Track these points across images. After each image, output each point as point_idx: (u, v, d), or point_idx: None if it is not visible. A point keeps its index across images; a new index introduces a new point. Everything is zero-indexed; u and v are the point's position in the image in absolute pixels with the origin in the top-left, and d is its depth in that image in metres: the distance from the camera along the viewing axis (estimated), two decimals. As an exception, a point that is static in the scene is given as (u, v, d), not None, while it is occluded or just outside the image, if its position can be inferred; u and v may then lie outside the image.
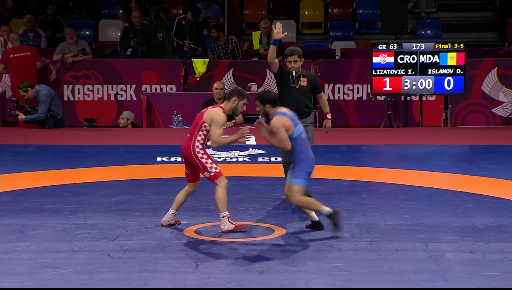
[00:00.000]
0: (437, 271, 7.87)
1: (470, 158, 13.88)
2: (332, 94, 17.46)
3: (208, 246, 8.74)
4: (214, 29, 18.12)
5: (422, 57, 16.43)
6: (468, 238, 8.96)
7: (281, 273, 7.85)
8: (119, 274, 7.78)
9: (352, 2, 21.20)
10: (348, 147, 14.58)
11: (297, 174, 8.99)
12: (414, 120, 17.02)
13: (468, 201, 10.64)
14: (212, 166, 9.04)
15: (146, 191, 11.20)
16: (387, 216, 9.90)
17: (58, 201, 10.60)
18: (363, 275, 7.78)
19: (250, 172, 12.48)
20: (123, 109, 17.23)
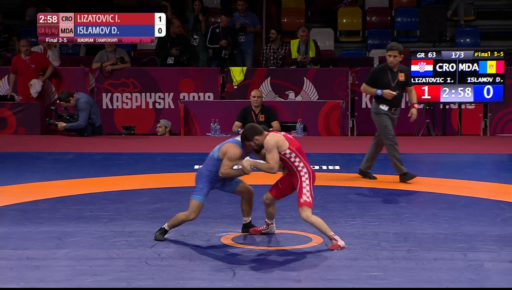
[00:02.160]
0: (475, 281, 7.82)
1: (509, 167, 13.77)
2: (370, 102, 17.41)
3: (245, 254, 8.74)
4: (274, 30, 18.14)
5: (461, 65, 16.36)
6: (507, 247, 8.90)
7: (318, 282, 7.84)
8: (157, 281, 7.81)
9: (390, 10, 21.15)
10: (385, 155, 14.51)
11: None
12: (453, 128, 16.94)
13: (507, 210, 10.56)
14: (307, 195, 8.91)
15: (183, 198, 11.21)
16: (425, 224, 9.86)
17: (96, 209, 10.65)
18: (401, 284, 7.75)
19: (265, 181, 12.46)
20: (161, 117, 17.30)
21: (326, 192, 11.65)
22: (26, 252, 8.62)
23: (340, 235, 9.34)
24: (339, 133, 16.97)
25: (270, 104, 16.91)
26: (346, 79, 17.36)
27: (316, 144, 15.83)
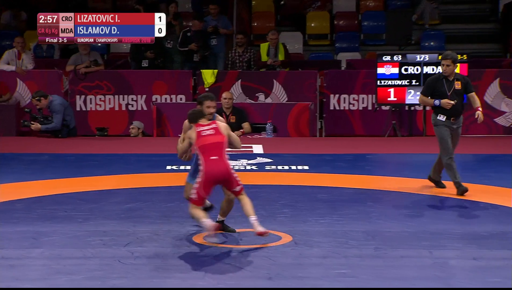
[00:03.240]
0: (441, 278, 7.85)
1: (473, 167, 13.85)
2: (338, 104, 17.45)
3: (217, 252, 8.73)
4: (242, 35, 18.10)
5: (426, 68, 16.42)
6: (472, 245, 8.94)
7: (289, 279, 7.84)
8: (130, 280, 7.78)
9: (358, 14, 21.21)
10: (353, 156, 14.57)
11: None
12: (418, 129, 17.00)
13: (471, 209, 10.62)
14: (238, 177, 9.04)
15: (156, 198, 11.19)
16: (391, 223, 9.88)
17: (71, 209, 10.60)
18: (369, 281, 7.76)
19: (258, 180, 12.47)
20: (134, 118, 17.24)
21: (296, 191, 11.66)
22: (1, 252, 8.56)
23: (310, 233, 9.36)
24: (308, 134, 17.00)
25: (241, 106, 16.91)
26: (314, 81, 17.39)
27: (286, 145, 15.84)
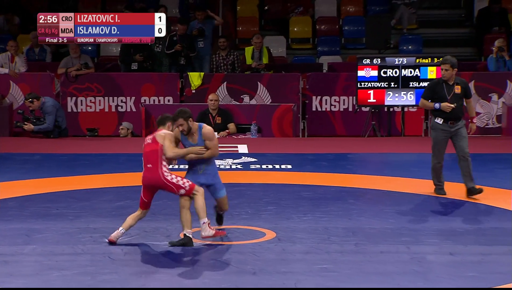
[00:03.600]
0: (419, 272, 7.87)
1: (449, 166, 13.84)
2: (320, 105, 17.45)
3: (203, 249, 8.73)
4: (224, 39, 18.07)
5: (404, 71, 16.44)
6: (448, 241, 8.97)
7: (273, 274, 7.84)
8: (120, 275, 7.77)
9: (338, 19, 21.22)
10: (335, 155, 14.58)
11: (221, 185, 9.07)
12: (397, 130, 17.02)
13: (448, 206, 10.65)
14: (184, 181, 8.89)
15: (145, 197, 11.16)
16: (372, 220, 9.90)
17: (62, 207, 10.58)
18: (350, 276, 7.78)
19: (243, 179, 12.46)
20: (123, 119, 17.19)
21: (280, 189, 11.66)
22: (-4, 248, 8.55)
23: (293, 230, 9.37)
24: (291, 134, 16.99)
25: (226, 107, 16.89)
26: (297, 83, 17.39)
27: (270, 144, 15.84)
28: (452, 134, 10.87)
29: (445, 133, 10.82)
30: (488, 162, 13.42)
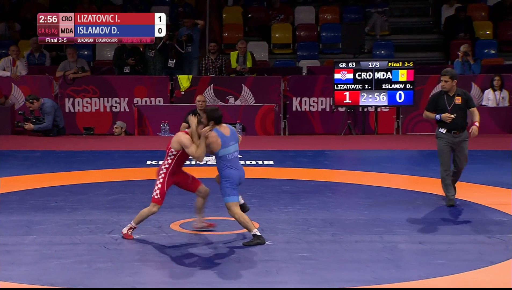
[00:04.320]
0: (391, 260, 7.88)
1: (419, 161, 13.92)
2: (300, 106, 17.45)
3: (192, 238, 8.72)
4: (214, 43, 18.03)
5: (377, 74, 16.46)
6: (418, 230, 8.99)
7: (256, 262, 7.84)
8: (114, 263, 7.75)
9: (317, 25, 21.22)
10: (314, 152, 14.59)
11: (224, 192, 8.56)
12: (371, 128, 17.05)
13: (418, 198, 10.67)
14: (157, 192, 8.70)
15: (137, 190, 11.15)
16: (348, 212, 9.91)
17: (60, 200, 10.54)
18: (328, 263, 7.78)
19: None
20: (117, 119, 17.14)
21: (262, 184, 11.65)
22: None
23: (275, 221, 9.37)
24: (273, 133, 16.99)
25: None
26: (279, 86, 17.38)
27: (254, 142, 15.83)
28: (455, 145, 10.15)
29: (449, 142, 10.19)
30: (454, 158, 13.46)
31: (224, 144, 8.51)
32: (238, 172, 8.56)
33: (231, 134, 8.64)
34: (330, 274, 7.43)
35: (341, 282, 7.19)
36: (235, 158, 8.59)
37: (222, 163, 8.52)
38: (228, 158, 8.53)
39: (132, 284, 7.15)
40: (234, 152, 8.60)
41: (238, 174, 8.56)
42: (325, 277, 7.34)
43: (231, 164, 8.53)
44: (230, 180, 8.52)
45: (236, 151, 8.63)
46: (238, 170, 8.56)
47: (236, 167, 8.56)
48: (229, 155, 8.54)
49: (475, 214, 9.64)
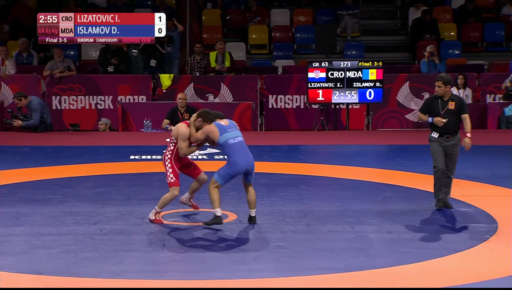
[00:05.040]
0: (362, 249, 7.92)
1: (388, 156, 13.99)
2: (276, 103, 17.46)
3: (173, 229, 8.71)
4: (200, 45, 18.01)
5: (349, 73, 16.50)
6: (387, 221, 9.03)
7: (234, 251, 7.85)
8: (99, 253, 7.73)
9: (291, 27, 21.23)
10: (289, 147, 14.61)
11: (219, 171, 8.75)
12: (342, 124, 17.09)
13: (387, 190, 10.71)
14: (170, 176, 8.83)
15: (121, 184, 11.12)
16: (321, 203, 9.94)
17: (48, 193, 10.49)
18: (302, 252, 7.80)
19: (208, 168, 12.41)
20: (102, 116, 17.08)
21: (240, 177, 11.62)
22: (-12, 230, 8.45)
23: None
24: (250, 129, 16.98)
25: (193, 105, 16.82)
26: (256, 84, 17.38)
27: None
28: (446, 149, 9.68)
29: (441, 145, 9.74)
30: (420, 153, 13.51)
31: (222, 131, 8.64)
32: (245, 162, 8.67)
33: (230, 123, 8.82)
34: (304, 262, 7.45)
35: (314, 270, 7.22)
36: (238, 143, 8.66)
37: (227, 151, 8.68)
38: (229, 143, 8.64)
39: (117, 272, 7.14)
40: (236, 137, 8.69)
41: (244, 164, 8.67)
42: (299, 265, 7.36)
43: (235, 151, 8.61)
44: (233, 169, 8.68)
45: (238, 136, 8.71)
46: (244, 159, 8.66)
47: (242, 155, 8.64)
48: (230, 140, 8.65)
49: (440, 205, 9.70)
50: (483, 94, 17.40)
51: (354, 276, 7.07)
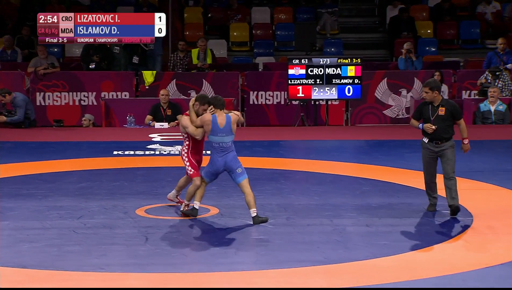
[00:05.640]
0: (340, 241, 7.95)
1: (366, 151, 14.03)
2: (256, 99, 17.47)
3: (156, 223, 8.70)
4: (184, 42, 17.98)
5: (328, 69, 16.52)
6: (364, 214, 9.06)
7: (216, 244, 7.86)
8: (83, 246, 7.72)
9: (272, 25, 21.23)
10: (269, 142, 14.62)
11: (204, 168, 9.00)
12: (322, 120, 17.12)
13: (364, 185, 10.75)
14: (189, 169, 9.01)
15: (104, 179, 11.09)
16: (300, 197, 9.96)
17: (32, 187, 10.45)
18: (281, 245, 7.82)
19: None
20: (86, 112, 17.01)
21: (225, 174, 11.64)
22: (-27, 225, 8.41)
23: (233, 206, 9.39)
24: (231, 124, 16.96)
25: (176, 101, 16.80)
26: (237, 80, 17.37)
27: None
28: (438, 155, 9.17)
29: (431, 152, 9.18)
30: (398, 147, 13.59)
31: (213, 132, 8.74)
32: (222, 161, 8.80)
33: (225, 126, 8.80)
34: (284, 255, 7.47)
35: (294, 262, 7.24)
36: (222, 148, 8.79)
37: (211, 148, 8.87)
38: (213, 145, 8.81)
39: (100, 265, 7.13)
40: (221, 143, 8.78)
41: (220, 163, 8.81)
42: (279, 258, 7.38)
43: (217, 152, 8.81)
44: (210, 166, 8.88)
45: (225, 142, 8.79)
46: (222, 159, 8.80)
47: (221, 155, 8.80)
48: (214, 143, 8.79)
49: (417, 198, 9.73)
50: (458, 90, 17.49)
51: (332, 269, 7.10)
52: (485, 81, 16.68)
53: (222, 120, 8.75)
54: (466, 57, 19.87)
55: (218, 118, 8.74)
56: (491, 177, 11.03)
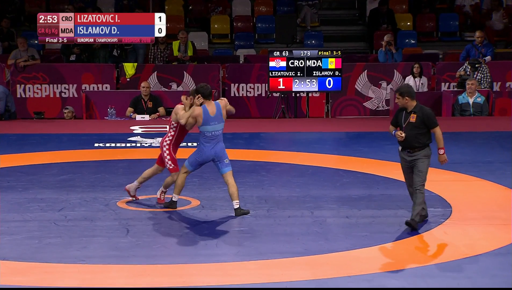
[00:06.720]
0: (320, 233, 7.96)
1: (346, 143, 14.05)
2: (237, 91, 17.45)
3: (137, 215, 8.68)
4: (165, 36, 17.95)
5: (308, 62, 16.53)
6: (345, 206, 9.09)
7: (197, 236, 7.86)
8: (64, 239, 7.68)
9: (252, 17, 21.21)
10: (250, 134, 14.61)
11: (189, 157, 8.92)
12: (302, 112, 17.13)
13: (345, 176, 10.77)
14: (169, 163, 8.97)
15: (85, 171, 11.04)
16: (281, 189, 9.97)
17: (13, 180, 10.38)
18: (262, 236, 7.83)
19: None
20: (66, 104, 16.93)
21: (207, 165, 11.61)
22: (-47, 217, 8.34)
23: (214, 198, 9.38)
24: (212, 117, 16.93)
25: (157, 93, 16.75)
26: (218, 73, 17.35)
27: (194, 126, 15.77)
28: (411, 164, 8.58)
29: (405, 161, 8.65)
30: (377, 139, 13.61)
31: (205, 122, 8.68)
32: (211, 150, 8.75)
33: (216, 115, 8.75)
34: (265, 247, 7.47)
35: (274, 254, 7.25)
36: (214, 136, 8.73)
37: (201, 138, 8.78)
38: (206, 135, 8.73)
39: (81, 257, 7.10)
40: (214, 131, 8.73)
41: (210, 152, 8.75)
42: (260, 250, 7.38)
43: (207, 141, 8.73)
44: (198, 155, 8.80)
45: (216, 131, 8.73)
46: (212, 148, 8.75)
47: (211, 145, 8.75)
48: (207, 133, 8.72)
49: (397, 190, 9.76)
50: (438, 83, 17.56)
51: (313, 260, 7.11)
52: (464, 73, 16.74)
53: (212, 109, 8.73)
54: (445, 49, 19.96)
55: (208, 108, 8.71)
56: (470, 168, 11.08)
